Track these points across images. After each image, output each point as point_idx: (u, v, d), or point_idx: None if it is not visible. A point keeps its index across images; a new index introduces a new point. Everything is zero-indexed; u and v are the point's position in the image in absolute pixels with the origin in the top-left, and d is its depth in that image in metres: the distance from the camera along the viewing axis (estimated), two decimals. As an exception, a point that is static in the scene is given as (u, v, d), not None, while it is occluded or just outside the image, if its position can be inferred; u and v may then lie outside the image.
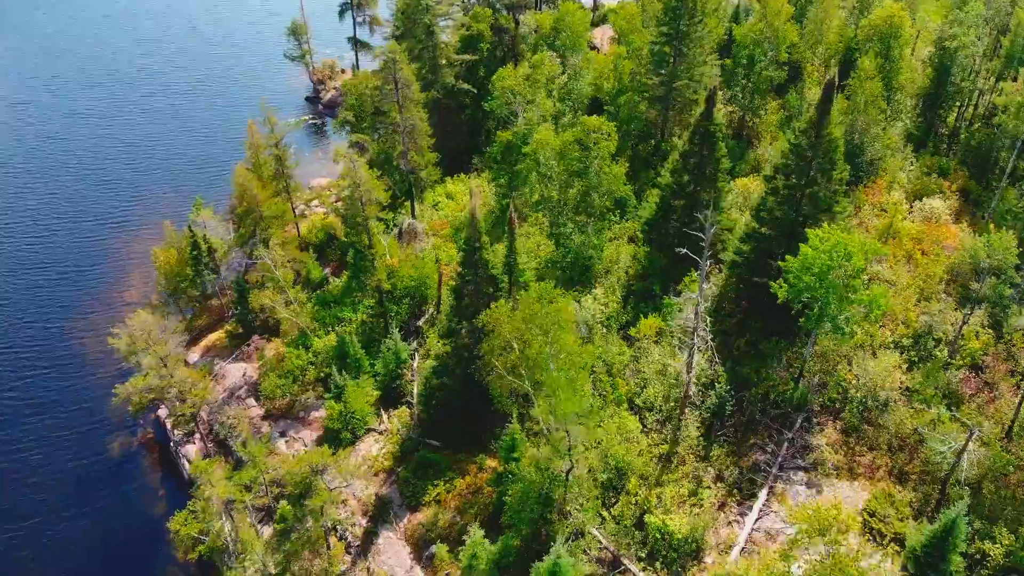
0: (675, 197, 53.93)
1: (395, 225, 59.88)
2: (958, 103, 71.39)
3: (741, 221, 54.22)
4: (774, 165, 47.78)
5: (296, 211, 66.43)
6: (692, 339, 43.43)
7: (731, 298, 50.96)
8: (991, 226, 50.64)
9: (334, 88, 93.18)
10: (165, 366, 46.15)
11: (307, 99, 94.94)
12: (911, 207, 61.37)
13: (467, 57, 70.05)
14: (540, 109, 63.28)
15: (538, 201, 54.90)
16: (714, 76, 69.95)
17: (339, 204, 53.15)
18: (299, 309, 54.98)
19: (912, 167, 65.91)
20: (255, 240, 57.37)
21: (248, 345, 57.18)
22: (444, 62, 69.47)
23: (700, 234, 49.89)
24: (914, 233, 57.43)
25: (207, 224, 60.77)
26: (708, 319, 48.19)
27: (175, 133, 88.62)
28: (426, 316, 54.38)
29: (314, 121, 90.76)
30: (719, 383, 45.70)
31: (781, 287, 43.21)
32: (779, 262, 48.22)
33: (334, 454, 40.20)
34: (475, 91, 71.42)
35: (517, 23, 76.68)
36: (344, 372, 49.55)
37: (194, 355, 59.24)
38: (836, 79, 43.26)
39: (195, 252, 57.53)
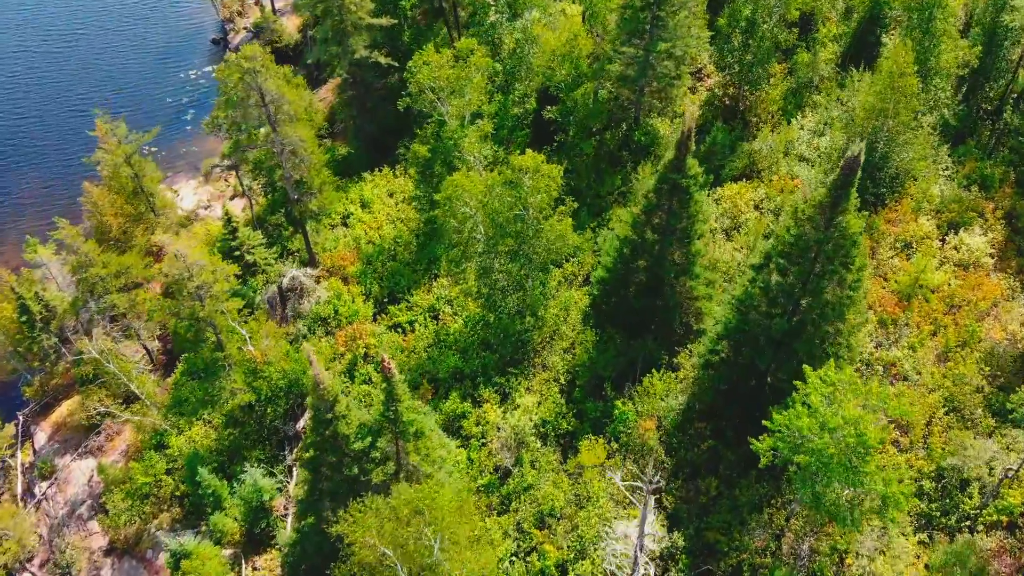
0: (636, 254, 40.77)
1: (274, 281, 46.45)
2: (1004, 82, 56.14)
3: (720, 298, 41.30)
4: (765, 252, 34.42)
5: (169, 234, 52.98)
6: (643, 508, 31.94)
7: (702, 410, 38.88)
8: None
9: (245, 28, 76.47)
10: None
11: (214, 42, 78.18)
12: (943, 242, 48.04)
13: (380, 21, 54.22)
14: (471, 105, 48.65)
15: (458, 259, 41.68)
16: (701, 45, 54.59)
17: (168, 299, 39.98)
18: (147, 406, 42.92)
19: (947, 177, 51.84)
20: (90, 305, 44.10)
21: (98, 434, 45.62)
22: (351, 28, 53.74)
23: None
24: (946, 291, 44.51)
25: (50, 269, 47.57)
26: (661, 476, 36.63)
27: (41, 95, 71.56)
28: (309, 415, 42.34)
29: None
30: (677, 562, 34.49)
31: (763, 442, 31.38)
32: (766, 380, 36.08)
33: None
34: (395, 64, 56.10)
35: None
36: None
37: (42, 434, 47.88)
38: (861, 155, 29.37)
39: (24, 317, 44.84)
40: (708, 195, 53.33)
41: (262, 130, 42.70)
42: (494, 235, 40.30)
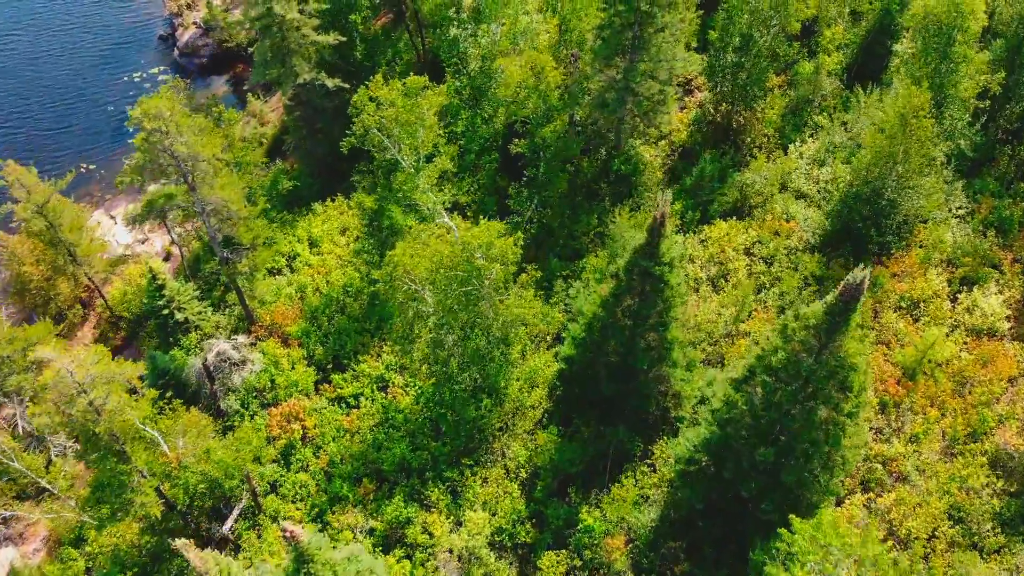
0: (606, 337, 35.75)
1: (199, 354, 41.11)
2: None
3: (697, 388, 36.40)
4: (749, 366, 29.35)
5: (95, 282, 47.87)
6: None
7: (677, 522, 34.25)
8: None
9: (195, 23, 69.72)
10: None
11: (161, 38, 71.38)
12: (954, 302, 42.91)
13: (327, 39, 48.00)
14: (425, 146, 42.99)
15: (403, 337, 36.60)
16: (690, 64, 48.64)
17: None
18: (61, 501, 38.34)
19: (961, 218, 46.43)
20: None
21: (7, 527, 41.16)
22: (294, 46, 47.62)
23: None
24: (955, 366, 39.56)
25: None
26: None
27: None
28: (238, 510, 37.56)
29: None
30: None
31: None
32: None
33: None
34: (345, 87, 50.13)
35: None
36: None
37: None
38: (864, 282, 24.08)
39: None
40: (694, 234, 48.19)
41: (179, 188, 37.20)
42: (444, 314, 35.21)
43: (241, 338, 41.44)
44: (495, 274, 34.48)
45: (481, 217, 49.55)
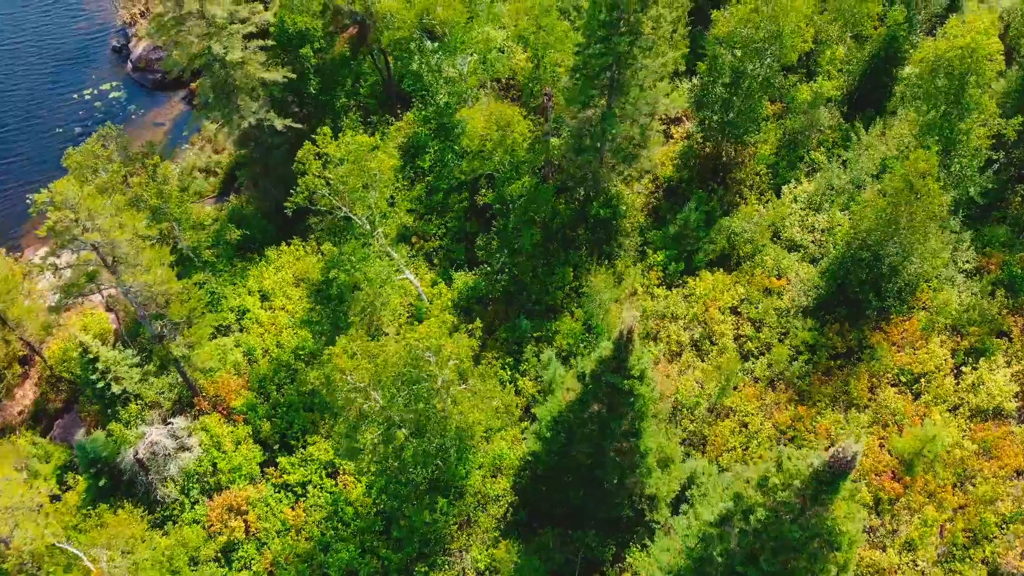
0: (572, 442, 32.22)
1: (132, 443, 37.32)
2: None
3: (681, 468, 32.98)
4: (725, 512, 25.82)
5: (31, 343, 44.34)
6: None
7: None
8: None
9: (150, 35, 64.67)
10: None
11: (115, 50, 66.42)
12: (958, 376, 39.27)
13: (274, 76, 43.65)
14: (379, 207, 39.06)
15: (346, 438, 33.06)
16: (671, 102, 44.30)
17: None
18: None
19: (968, 274, 42.64)
20: None
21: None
22: (240, 84, 43.35)
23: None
24: (957, 455, 36.08)
25: None
26: None
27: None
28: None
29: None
30: None
31: None
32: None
33: None
34: (298, 126, 45.91)
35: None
36: None
37: None
38: (856, 457, 20.46)
39: None
40: (679, 288, 44.40)
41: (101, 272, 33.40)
42: (393, 412, 31.70)
43: (178, 421, 37.93)
44: (447, 375, 30.87)
45: (451, 269, 46.20)
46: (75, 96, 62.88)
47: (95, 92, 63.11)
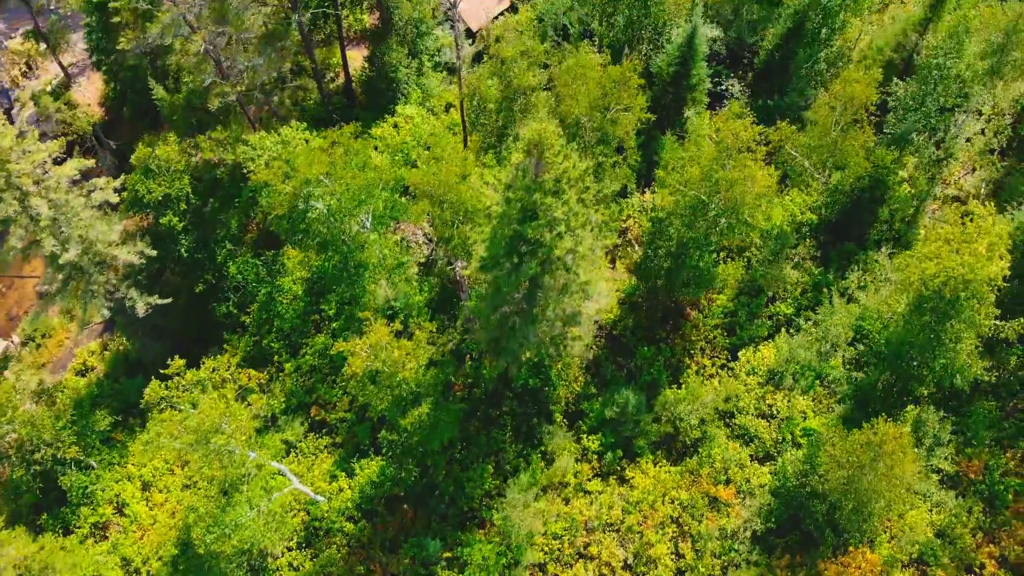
0: None
1: None
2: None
3: None
4: None
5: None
6: None
7: None
8: None
9: (34, 98, 54.61)
10: None
11: (4, 111, 56.51)
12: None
13: (130, 257, 35.96)
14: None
15: None
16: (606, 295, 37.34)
17: None
18: None
19: (943, 482, 37.17)
20: None
21: None
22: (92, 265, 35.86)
23: None
24: None
25: None
26: None
27: None
28: None
29: None
30: None
31: None
32: None
33: None
34: (165, 302, 38.56)
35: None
36: None
37: None
38: None
39: None
40: (616, 482, 38.87)
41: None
42: None
43: None
44: None
45: (353, 460, 40.03)
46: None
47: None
